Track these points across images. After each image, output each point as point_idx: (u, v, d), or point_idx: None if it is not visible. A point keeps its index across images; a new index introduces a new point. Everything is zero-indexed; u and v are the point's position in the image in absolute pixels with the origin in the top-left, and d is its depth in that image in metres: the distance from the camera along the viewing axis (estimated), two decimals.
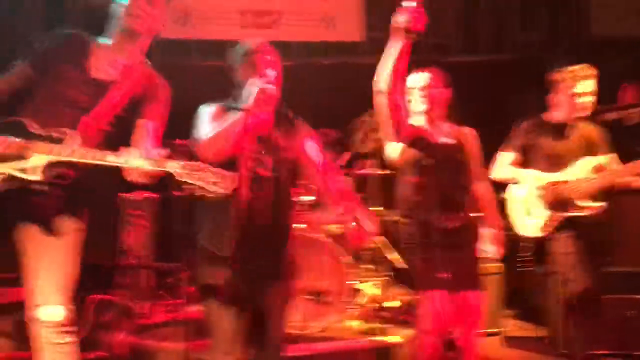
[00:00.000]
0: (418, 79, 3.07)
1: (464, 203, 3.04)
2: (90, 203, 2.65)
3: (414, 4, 2.62)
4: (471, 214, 3.06)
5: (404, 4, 2.63)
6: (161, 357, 4.16)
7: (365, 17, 6.08)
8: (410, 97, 3.06)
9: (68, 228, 2.49)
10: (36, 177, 2.31)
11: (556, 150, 3.46)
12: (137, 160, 2.36)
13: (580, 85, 3.34)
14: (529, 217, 3.58)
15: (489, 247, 3.14)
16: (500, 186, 3.71)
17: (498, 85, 6.23)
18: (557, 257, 3.50)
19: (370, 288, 5.16)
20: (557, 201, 3.43)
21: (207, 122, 2.58)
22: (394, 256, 5.57)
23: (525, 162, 3.58)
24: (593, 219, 3.35)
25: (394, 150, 3.06)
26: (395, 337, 4.25)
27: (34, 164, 2.30)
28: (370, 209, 5.43)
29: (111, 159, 2.37)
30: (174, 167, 2.33)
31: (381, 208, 5.37)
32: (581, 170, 3.37)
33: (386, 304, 5.01)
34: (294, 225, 2.76)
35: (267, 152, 2.59)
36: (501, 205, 3.74)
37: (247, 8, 6.03)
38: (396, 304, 5.09)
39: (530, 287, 4.91)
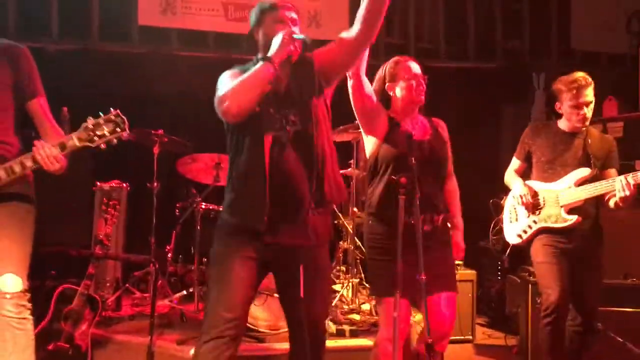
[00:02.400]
0: (414, 68, 2.96)
1: (442, 202, 2.97)
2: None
3: None
4: (446, 215, 2.99)
5: None
6: (124, 350, 4.07)
7: (350, 15, 6.06)
8: (400, 85, 2.94)
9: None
10: None
11: (552, 159, 3.42)
12: (53, 150, 2.41)
13: (580, 94, 3.28)
14: (511, 224, 3.60)
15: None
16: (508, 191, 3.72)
17: (485, 92, 6.25)
18: (534, 266, 3.50)
19: (342, 290, 5.12)
20: (536, 211, 3.42)
21: (226, 80, 2.44)
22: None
23: (529, 168, 3.58)
24: (574, 230, 3.29)
25: (370, 144, 2.96)
26: (365, 340, 4.21)
27: None
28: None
29: (29, 164, 2.43)
30: (83, 138, 2.41)
31: (355, 209, 5.33)
32: (569, 182, 3.32)
33: (357, 306, 4.98)
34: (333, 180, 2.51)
35: (288, 106, 2.43)
36: (499, 211, 3.79)
37: (230, 0, 5.95)
38: (367, 307, 5.06)
39: (502, 295, 4.95)
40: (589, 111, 3.30)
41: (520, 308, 4.27)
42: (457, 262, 4.57)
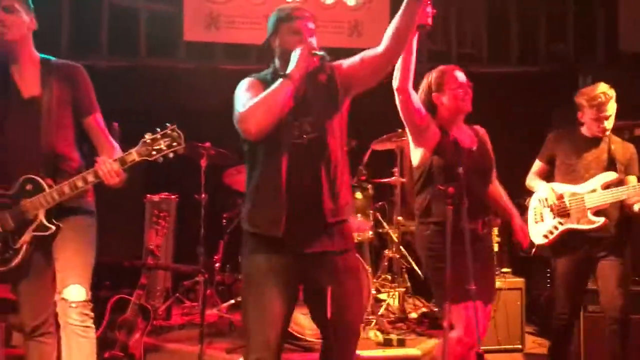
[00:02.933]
0: (452, 78, 2.96)
1: (488, 209, 2.99)
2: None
3: None
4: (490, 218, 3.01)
5: None
6: (176, 358, 4.16)
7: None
8: (447, 94, 2.94)
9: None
10: (51, 226, 2.58)
11: (576, 163, 3.52)
12: (114, 165, 2.51)
13: (602, 109, 3.41)
14: (537, 224, 3.63)
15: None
16: (530, 194, 3.77)
17: (527, 96, 6.16)
18: (557, 274, 3.57)
19: (388, 299, 5.12)
20: (563, 212, 3.50)
21: (244, 94, 2.44)
22: (413, 267, 5.53)
23: (550, 171, 3.69)
24: (599, 232, 3.39)
25: (419, 155, 2.96)
26: (412, 349, 4.19)
27: (40, 219, 2.56)
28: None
29: (91, 179, 2.53)
30: (142, 153, 2.51)
31: (400, 218, 5.32)
32: (594, 185, 3.41)
33: (404, 315, 4.96)
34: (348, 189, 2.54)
35: (305, 114, 2.43)
36: (523, 212, 3.77)
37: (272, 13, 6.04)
38: (414, 315, 5.04)
39: (552, 303, 4.84)
40: (608, 123, 3.44)
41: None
42: (504, 270, 4.54)
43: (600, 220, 3.36)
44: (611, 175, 3.41)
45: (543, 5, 6.54)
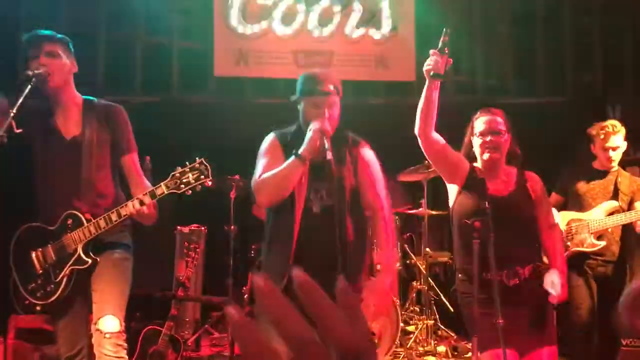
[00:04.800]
0: (479, 124, 2.91)
1: (526, 257, 2.83)
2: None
3: (438, 48, 2.64)
4: (537, 265, 2.85)
5: (431, 51, 2.66)
6: None
7: (417, 57, 6.14)
8: (474, 140, 2.93)
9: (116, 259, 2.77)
10: (88, 259, 2.67)
11: (584, 193, 3.85)
12: (144, 199, 2.60)
13: (607, 139, 3.74)
14: None
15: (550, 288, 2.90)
16: None
17: (555, 128, 6.13)
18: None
19: (416, 331, 5.07)
20: (570, 237, 3.79)
21: (262, 159, 2.59)
22: (441, 298, 5.49)
23: (565, 202, 3.97)
24: (603, 254, 3.73)
25: (452, 193, 2.96)
26: None
27: (79, 253, 2.66)
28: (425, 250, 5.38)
29: (124, 212, 2.62)
30: (170, 186, 2.57)
31: (428, 249, 5.31)
32: (598, 212, 3.74)
33: (433, 348, 4.91)
34: (360, 254, 2.61)
35: (322, 181, 2.54)
36: None
37: (299, 48, 6.17)
38: (442, 348, 4.98)
39: None
40: (615, 155, 3.78)
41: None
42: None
43: (602, 243, 3.71)
44: (613, 203, 3.75)
45: (570, 35, 6.55)
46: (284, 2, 6.10)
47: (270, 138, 2.69)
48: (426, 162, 4.88)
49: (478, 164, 2.94)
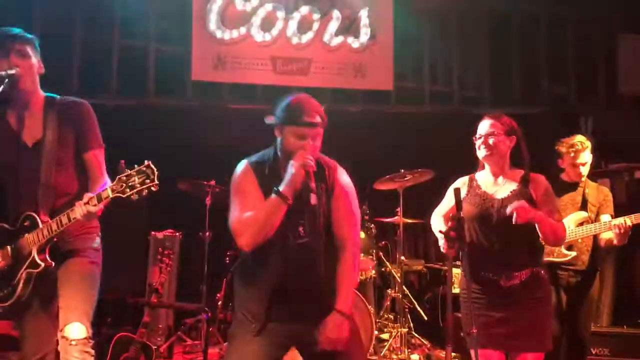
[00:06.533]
0: (480, 127, 3.04)
1: (524, 260, 2.87)
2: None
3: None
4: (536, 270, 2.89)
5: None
6: None
7: (395, 66, 6.19)
8: (476, 143, 3.04)
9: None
10: (41, 263, 2.57)
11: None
12: (89, 208, 2.47)
13: (577, 156, 3.80)
14: None
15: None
16: None
17: (530, 138, 6.21)
18: None
19: (390, 339, 5.08)
20: None
21: (237, 197, 2.46)
22: (416, 307, 5.51)
23: None
24: (573, 264, 3.71)
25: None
26: None
27: (33, 255, 2.57)
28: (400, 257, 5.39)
29: (73, 215, 2.50)
30: (116, 190, 2.43)
31: (403, 257, 5.33)
32: (567, 223, 3.66)
33: (405, 357, 4.92)
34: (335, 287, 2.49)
35: (300, 214, 2.44)
36: None
37: (277, 55, 6.18)
38: (416, 357, 4.99)
39: None
40: (584, 169, 3.84)
41: None
42: None
43: (572, 254, 3.70)
44: (582, 215, 3.76)
45: (545, 48, 6.66)
46: (263, 9, 6.10)
47: (243, 169, 2.52)
48: (402, 170, 4.92)
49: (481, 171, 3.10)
